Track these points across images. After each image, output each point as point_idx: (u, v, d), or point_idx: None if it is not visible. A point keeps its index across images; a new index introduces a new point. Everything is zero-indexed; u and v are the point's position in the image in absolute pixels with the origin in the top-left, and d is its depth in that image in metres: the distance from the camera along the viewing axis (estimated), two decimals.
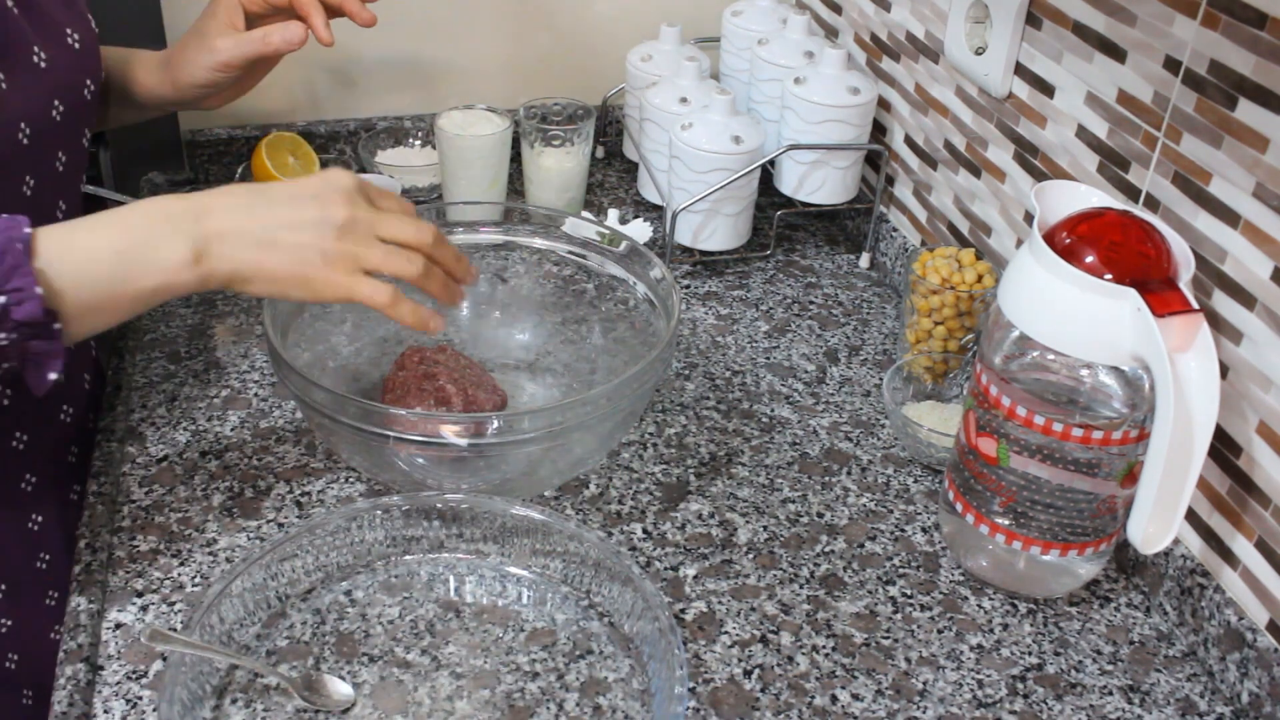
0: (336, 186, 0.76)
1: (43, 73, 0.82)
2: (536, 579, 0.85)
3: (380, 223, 0.77)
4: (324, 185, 0.76)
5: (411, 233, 0.77)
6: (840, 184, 1.22)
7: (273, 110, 1.37)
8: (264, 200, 0.75)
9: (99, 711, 0.74)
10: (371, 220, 0.76)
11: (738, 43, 1.32)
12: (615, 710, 0.76)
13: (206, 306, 1.14)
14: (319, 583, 0.83)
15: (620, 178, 1.40)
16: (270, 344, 0.84)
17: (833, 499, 0.95)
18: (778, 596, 0.86)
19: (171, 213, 0.73)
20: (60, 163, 0.85)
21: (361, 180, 0.78)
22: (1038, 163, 1.00)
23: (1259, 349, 0.78)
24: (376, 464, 0.87)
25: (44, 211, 0.85)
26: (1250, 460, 0.80)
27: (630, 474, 0.96)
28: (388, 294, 0.76)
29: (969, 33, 1.06)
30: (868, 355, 1.12)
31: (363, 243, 0.75)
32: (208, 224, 0.73)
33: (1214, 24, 0.78)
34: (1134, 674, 0.82)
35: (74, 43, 0.85)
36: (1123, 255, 0.74)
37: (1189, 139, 0.82)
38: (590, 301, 1.03)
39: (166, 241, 0.72)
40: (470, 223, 1.03)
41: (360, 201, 0.76)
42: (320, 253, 0.74)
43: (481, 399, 0.94)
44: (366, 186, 0.78)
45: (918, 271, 1.04)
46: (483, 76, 1.41)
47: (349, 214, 0.75)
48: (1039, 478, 0.81)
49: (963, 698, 0.79)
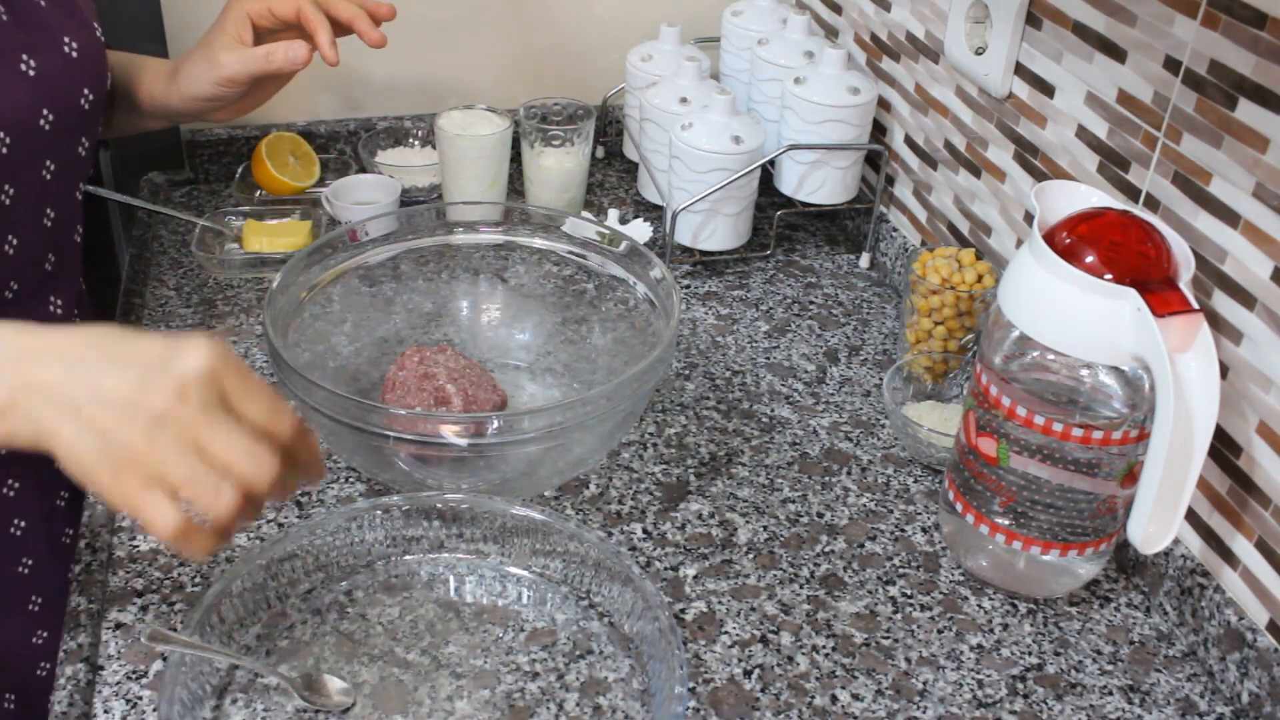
0: (180, 365, 0.60)
1: (31, 81, 0.81)
2: (536, 579, 0.85)
3: (209, 434, 0.60)
4: (168, 357, 0.61)
5: (244, 461, 0.61)
6: (840, 184, 1.22)
7: (273, 110, 1.37)
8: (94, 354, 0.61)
9: (99, 711, 0.74)
10: (196, 427, 0.60)
11: (738, 43, 1.32)
12: (615, 710, 0.76)
13: (206, 307, 1.14)
14: (319, 583, 0.83)
15: (620, 178, 1.40)
16: (270, 344, 0.84)
17: (833, 499, 0.95)
18: (778, 596, 0.86)
19: None
20: (48, 171, 0.84)
21: (223, 363, 0.62)
22: (1038, 163, 1.00)
23: (1259, 349, 0.78)
24: (376, 464, 0.87)
25: (26, 221, 0.83)
26: (1250, 460, 0.80)
27: (630, 474, 0.96)
28: (172, 527, 0.60)
29: (969, 33, 1.06)
30: (868, 355, 1.12)
31: (172, 450, 0.60)
32: (28, 371, 0.61)
33: (1214, 24, 0.78)
34: (1134, 674, 0.82)
35: (71, 51, 0.84)
36: (1123, 255, 0.74)
37: (1189, 139, 0.82)
38: (590, 301, 1.03)
39: None
40: (470, 223, 1.03)
41: (196, 395, 0.60)
42: (118, 446, 0.59)
43: (481, 399, 0.94)
44: (224, 374, 0.61)
45: (918, 271, 1.04)
46: (483, 76, 1.41)
47: (169, 408, 0.59)
48: (1039, 478, 0.81)
49: (963, 698, 0.79)
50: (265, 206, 1.25)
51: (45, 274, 0.88)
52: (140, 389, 0.60)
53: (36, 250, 0.86)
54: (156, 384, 0.60)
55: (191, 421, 0.60)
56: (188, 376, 0.60)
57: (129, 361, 0.61)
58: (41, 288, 0.89)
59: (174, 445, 0.60)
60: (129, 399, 0.59)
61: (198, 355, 0.61)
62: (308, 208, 1.25)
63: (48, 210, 0.86)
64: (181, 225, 1.26)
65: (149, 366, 0.60)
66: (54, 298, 0.90)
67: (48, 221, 0.86)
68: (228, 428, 0.61)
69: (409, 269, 1.02)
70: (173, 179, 1.35)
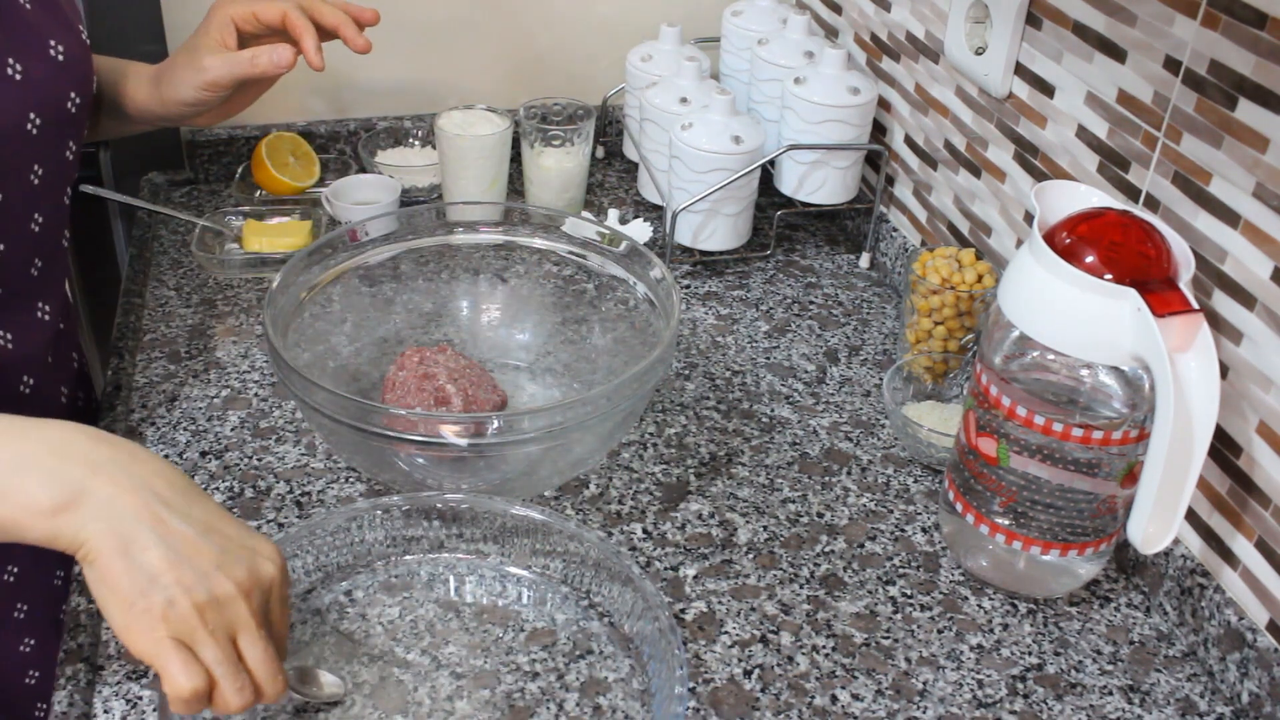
0: (257, 563, 0.65)
1: (16, 85, 0.80)
2: (536, 579, 0.85)
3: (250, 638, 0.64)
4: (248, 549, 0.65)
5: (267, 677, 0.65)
6: (840, 184, 1.22)
7: (273, 110, 1.37)
8: (179, 504, 0.63)
9: (99, 711, 0.74)
10: (243, 625, 0.64)
11: (738, 43, 1.32)
12: (615, 710, 0.76)
13: (206, 307, 1.14)
14: (319, 583, 0.83)
15: (620, 178, 1.40)
16: (270, 344, 0.84)
17: (833, 499, 0.95)
18: (778, 596, 0.86)
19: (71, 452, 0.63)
20: (36, 176, 0.84)
21: (281, 579, 0.66)
22: (1038, 163, 1.00)
23: (1259, 349, 0.78)
24: (376, 464, 0.87)
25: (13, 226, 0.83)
26: (1250, 460, 0.80)
27: (630, 474, 0.96)
28: (191, 690, 0.61)
29: (969, 33, 1.06)
30: (868, 355, 1.12)
31: (215, 630, 0.62)
32: (104, 481, 0.62)
33: (1214, 24, 0.78)
34: (1134, 674, 0.82)
35: (57, 54, 0.84)
36: (1123, 255, 0.74)
37: (1189, 139, 0.82)
38: (590, 301, 1.03)
39: (39, 476, 0.61)
40: (470, 223, 1.03)
41: (257, 598, 0.64)
42: (168, 602, 0.61)
43: (481, 399, 0.94)
44: (278, 589, 0.66)
45: (918, 271, 1.04)
46: (483, 76, 1.41)
47: (232, 596, 0.63)
48: (1039, 478, 0.81)
49: (963, 698, 0.79)
50: (265, 206, 1.25)
51: (32, 279, 0.87)
52: (217, 564, 0.63)
53: (24, 255, 0.85)
54: (233, 567, 0.63)
55: (243, 620, 0.63)
56: (259, 576, 0.64)
57: (214, 531, 0.64)
58: (29, 293, 0.87)
59: (220, 630, 0.63)
60: (203, 570, 0.62)
61: (272, 563, 0.66)
62: (308, 208, 1.25)
63: (35, 215, 0.85)
64: (181, 225, 1.26)
65: (230, 550, 0.64)
66: (42, 304, 0.89)
67: (35, 226, 0.85)
68: (264, 641, 0.65)
69: (409, 269, 1.02)
70: (173, 179, 1.35)
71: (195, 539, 0.63)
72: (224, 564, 0.63)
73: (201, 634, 0.62)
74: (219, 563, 0.63)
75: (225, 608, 0.63)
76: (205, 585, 0.62)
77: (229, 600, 0.63)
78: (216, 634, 0.62)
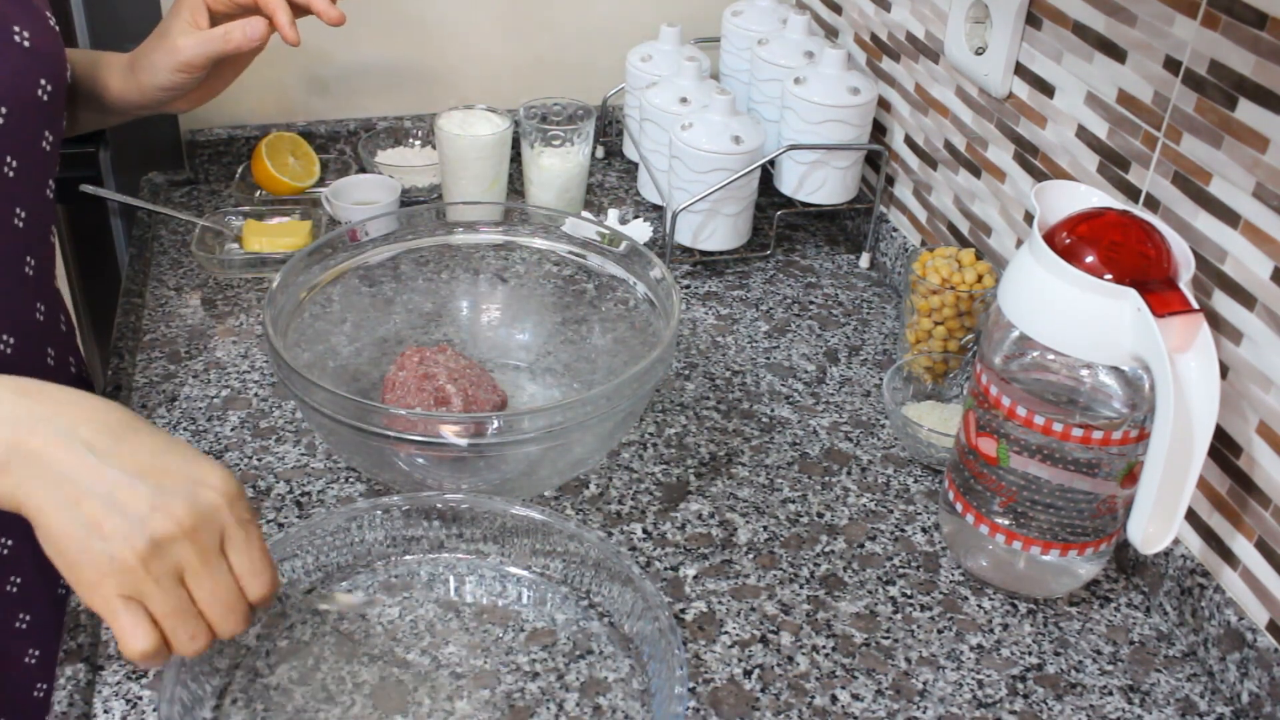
0: (197, 497, 0.61)
1: None
2: (536, 579, 0.85)
3: (200, 576, 0.61)
4: (187, 482, 0.61)
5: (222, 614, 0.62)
6: (840, 184, 1.22)
7: (273, 110, 1.37)
8: (107, 443, 0.60)
9: (99, 711, 0.74)
10: (191, 565, 0.61)
11: (738, 43, 1.32)
12: (615, 710, 0.76)
13: (207, 307, 1.14)
14: (319, 583, 0.83)
15: (620, 178, 1.40)
16: (270, 344, 0.84)
17: (833, 499, 0.95)
18: (778, 596, 0.86)
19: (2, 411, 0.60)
20: (10, 168, 0.81)
21: (231, 504, 0.62)
22: (1038, 163, 1.00)
23: (1259, 349, 0.78)
24: (376, 464, 0.87)
25: None
26: (1250, 460, 0.80)
27: (630, 474, 0.96)
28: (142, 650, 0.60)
29: (969, 33, 1.06)
30: (868, 355, 1.12)
31: (164, 579, 0.60)
32: (27, 438, 0.59)
33: (1214, 24, 0.78)
34: (1134, 674, 0.82)
35: (23, 41, 0.81)
36: (1123, 255, 0.74)
37: (1189, 139, 0.82)
38: (590, 301, 1.03)
39: None
40: (470, 223, 1.03)
41: (202, 534, 0.61)
42: (110, 553, 0.59)
43: (481, 399, 0.94)
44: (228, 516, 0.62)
45: (918, 271, 1.04)
46: (483, 76, 1.41)
47: (173, 538, 0.60)
48: (1039, 478, 0.81)
49: (963, 698, 0.79)
50: (265, 206, 1.26)
51: (25, 277, 0.86)
52: (152, 508, 0.59)
53: (10, 253, 0.84)
54: (172, 505, 0.60)
55: (189, 559, 0.60)
56: (202, 508, 0.61)
57: (149, 470, 0.60)
58: (23, 292, 0.86)
59: (167, 575, 0.60)
60: (139, 514, 0.59)
61: (214, 492, 0.61)
62: (308, 208, 1.25)
63: (16, 210, 0.83)
64: (181, 225, 1.26)
65: (167, 488, 0.60)
66: (39, 304, 0.88)
67: (18, 222, 0.83)
68: (217, 575, 0.61)
69: (409, 269, 1.02)
70: (173, 179, 1.35)
71: (129, 483, 0.59)
72: (161, 504, 0.60)
73: (148, 586, 0.60)
74: (155, 504, 0.59)
75: (167, 551, 0.60)
76: (143, 531, 0.59)
77: (170, 542, 0.60)
78: (163, 581, 0.60)
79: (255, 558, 0.63)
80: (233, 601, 0.63)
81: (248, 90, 1.34)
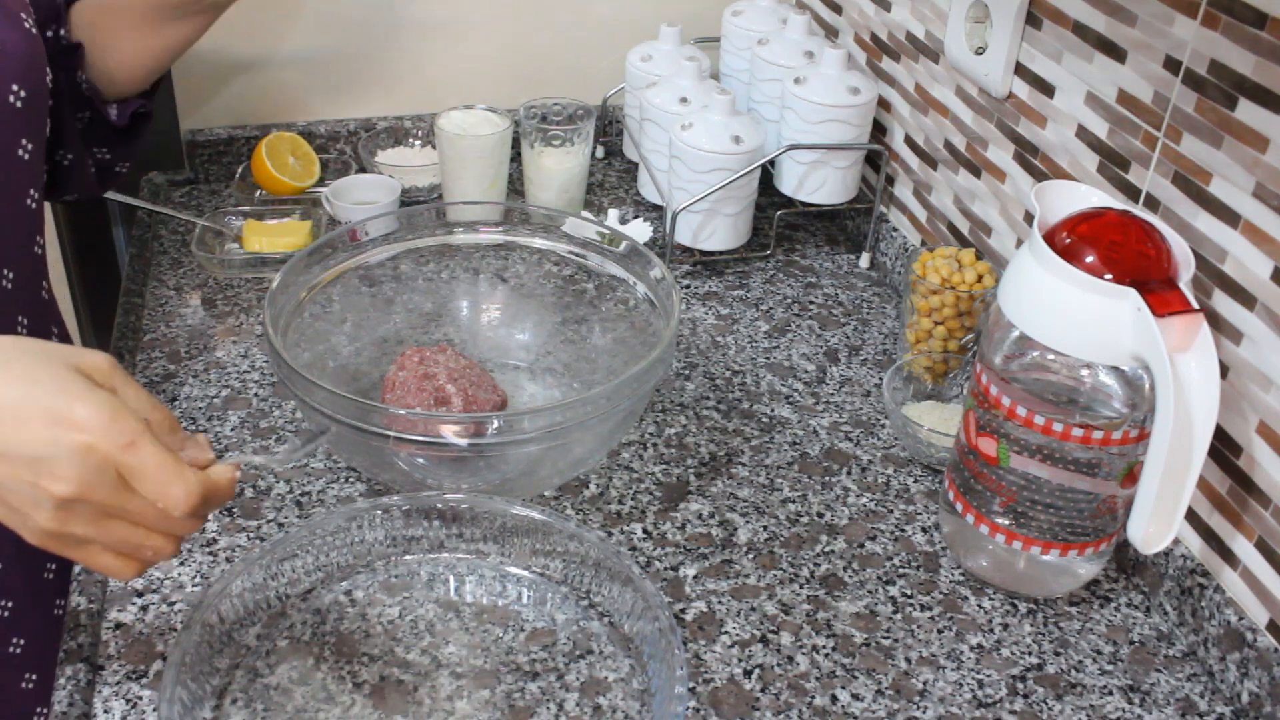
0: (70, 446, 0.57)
1: None
2: (536, 579, 0.85)
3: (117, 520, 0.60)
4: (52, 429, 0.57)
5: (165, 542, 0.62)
6: (840, 184, 1.22)
7: (273, 110, 1.37)
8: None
9: (99, 711, 0.74)
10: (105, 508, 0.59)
11: (738, 43, 1.32)
12: (615, 710, 0.76)
13: (207, 307, 1.14)
14: (319, 583, 0.83)
15: (620, 178, 1.40)
16: (270, 344, 0.84)
17: (833, 499, 0.95)
18: (778, 596, 0.86)
19: None
20: None
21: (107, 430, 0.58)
22: (1038, 163, 1.00)
23: (1259, 349, 0.78)
24: (376, 464, 0.87)
25: None
26: (1250, 460, 0.80)
27: (630, 474, 0.96)
28: (130, 573, 0.62)
29: (969, 33, 1.06)
30: (868, 355, 1.12)
31: (91, 525, 0.59)
32: None
33: (1214, 24, 0.78)
34: (1134, 674, 0.82)
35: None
36: (1123, 255, 0.74)
37: (1189, 139, 0.82)
38: (590, 301, 1.03)
39: None
40: (470, 223, 1.03)
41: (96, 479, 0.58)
42: (36, 527, 0.59)
43: (481, 399, 0.94)
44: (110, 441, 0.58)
45: (918, 271, 1.04)
46: (483, 76, 1.41)
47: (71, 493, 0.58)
48: (1039, 478, 0.81)
49: (963, 698, 0.79)
50: (265, 206, 1.26)
51: (5, 291, 0.82)
52: (36, 475, 0.57)
53: None
54: (53, 471, 0.57)
55: (100, 504, 0.59)
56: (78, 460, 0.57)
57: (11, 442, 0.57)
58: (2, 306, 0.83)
59: (92, 518, 0.59)
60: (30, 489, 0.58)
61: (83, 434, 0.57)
62: (308, 208, 1.25)
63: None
64: (181, 225, 1.26)
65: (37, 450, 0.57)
66: (21, 317, 0.85)
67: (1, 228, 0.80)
68: (132, 508, 0.60)
69: (409, 269, 1.02)
70: (173, 179, 1.35)
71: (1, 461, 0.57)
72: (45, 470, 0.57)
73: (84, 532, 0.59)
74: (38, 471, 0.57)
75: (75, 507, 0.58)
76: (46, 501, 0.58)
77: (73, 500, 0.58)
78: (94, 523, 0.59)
79: (155, 478, 0.59)
80: (161, 521, 0.61)
81: (248, 90, 1.35)
